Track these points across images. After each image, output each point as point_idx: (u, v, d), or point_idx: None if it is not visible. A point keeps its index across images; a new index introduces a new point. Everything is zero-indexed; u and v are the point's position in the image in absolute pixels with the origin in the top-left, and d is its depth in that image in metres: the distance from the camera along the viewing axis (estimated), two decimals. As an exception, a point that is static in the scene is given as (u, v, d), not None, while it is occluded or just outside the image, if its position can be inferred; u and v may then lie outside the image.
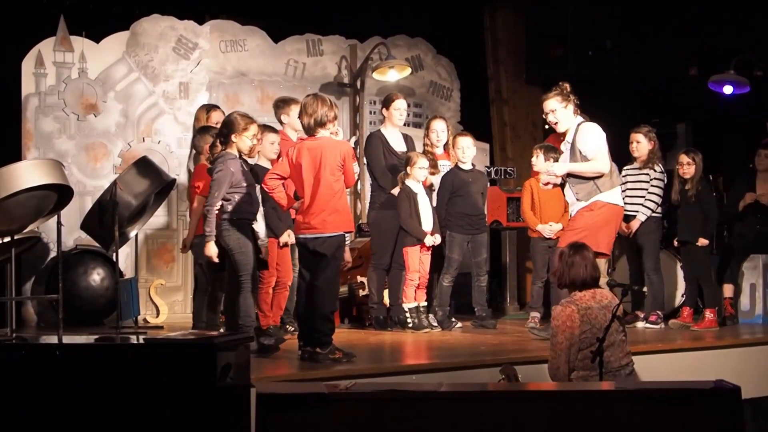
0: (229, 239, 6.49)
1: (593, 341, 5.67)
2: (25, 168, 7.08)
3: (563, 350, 5.79)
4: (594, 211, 7.27)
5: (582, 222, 7.30)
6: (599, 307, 5.84)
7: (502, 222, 9.98)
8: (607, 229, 7.28)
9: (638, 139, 8.46)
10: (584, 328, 5.77)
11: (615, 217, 7.37)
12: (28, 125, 9.18)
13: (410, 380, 5.97)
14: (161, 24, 9.73)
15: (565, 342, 5.79)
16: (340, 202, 6.43)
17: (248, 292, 6.52)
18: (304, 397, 4.57)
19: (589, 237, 7.11)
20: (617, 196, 7.39)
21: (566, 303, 5.89)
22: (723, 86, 9.91)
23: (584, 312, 5.81)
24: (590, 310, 5.81)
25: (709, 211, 8.41)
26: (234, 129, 6.58)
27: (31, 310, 9.08)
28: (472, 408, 4.58)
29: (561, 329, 5.81)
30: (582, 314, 5.80)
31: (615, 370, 5.84)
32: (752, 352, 7.51)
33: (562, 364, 5.81)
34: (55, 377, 4.80)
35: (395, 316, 8.24)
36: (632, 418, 4.60)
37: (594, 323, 5.78)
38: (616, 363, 5.86)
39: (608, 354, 5.71)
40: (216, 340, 4.95)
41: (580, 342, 5.78)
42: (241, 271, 6.50)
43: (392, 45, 10.57)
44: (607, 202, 7.29)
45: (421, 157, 8.18)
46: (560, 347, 5.80)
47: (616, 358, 5.86)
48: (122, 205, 7.67)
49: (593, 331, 5.74)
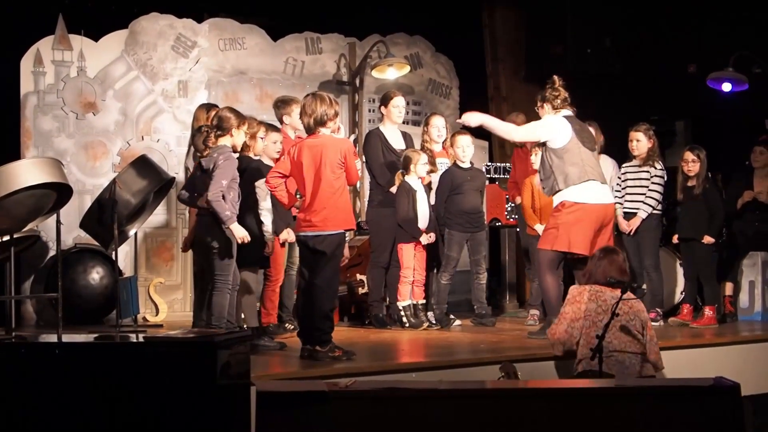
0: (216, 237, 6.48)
1: (597, 319, 6.14)
2: (24, 167, 7.07)
3: (566, 320, 6.31)
4: (562, 211, 7.25)
5: (552, 222, 7.36)
6: (612, 295, 6.20)
7: (502, 220, 9.99)
8: (579, 227, 7.14)
9: (638, 137, 8.45)
10: (591, 306, 6.23)
11: (587, 215, 7.18)
12: (27, 124, 9.18)
13: (410, 378, 5.98)
14: (160, 22, 9.72)
15: (570, 313, 6.29)
16: (341, 200, 6.43)
17: (224, 292, 6.48)
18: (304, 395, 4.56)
19: (561, 237, 7.18)
20: (589, 193, 7.21)
21: (583, 285, 6.42)
22: (722, 84, 9.90)
23: (595, 293, 6.27)
24: (602, 293, 6.28)
25: (715, 209, 8.40)
26: (231, 124, 6.58)
27: (31, 309, 9.08)
28: (471, 406, 4.58)
29: (570, 302, 6.36)
30: (591, 294, 6.27)
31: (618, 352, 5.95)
32: (752, 349, 7.51)
33: (560, 332, 6.33)
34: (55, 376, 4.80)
35: (394, 314, 8.25)
36: (632, 416, 4.60)
37: (601, 304, 6.21)
38: (619, 347, 6.00)
39: (609, 336, 5.97)
40: (216, 338, 4.95)
41: (584, 318, 6.22)
42: (219, 272, 6.48)
43: (391, 43, 10.57)
44: (575, 201, 7.19)
45: (422, 154, 8.19)
46: (564, 316, 6.33)
47: (619, 342, 6.02)
48: (121, 204, 7.67)
49: (598, 311, 6.18)
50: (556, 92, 7.43)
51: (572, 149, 7.26)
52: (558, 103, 7.42)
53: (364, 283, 8.64)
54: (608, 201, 7.36)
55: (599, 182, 7.31)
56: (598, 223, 7.28)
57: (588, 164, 7.27)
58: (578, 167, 7.22)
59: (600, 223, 7.29)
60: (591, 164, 7.31)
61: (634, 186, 8.43)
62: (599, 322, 6.05)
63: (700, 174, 8.38)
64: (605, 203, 7.30)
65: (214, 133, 6.59)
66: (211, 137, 6.60)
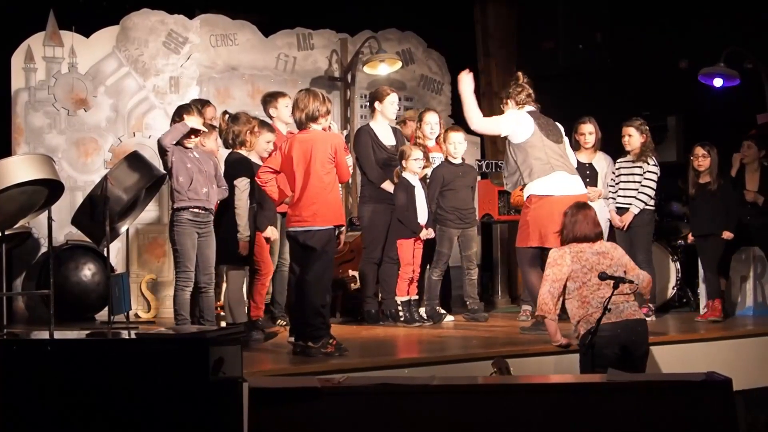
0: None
1: (585, 279, 6.33)
2: (15, 163, 7.05)
3: (548, 281, 6.44)
4: (530, 207, 7.28)
5: (522, 218, 7.41)
6: (592, 252, 6.42)
7: (494, 215, 9.99)
8: (549, 221, 7.09)
9: (630, 132, 8.45)
10: (575, 267, 6.38)
11: (555, 207, 7.03)
12: (18, 120, 9.17)
13: (402, 374, 5.97)
14: (151, 18, 9.71)
15: (551, 275, 6.42)
16: (331, 195, 6.42)
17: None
18: (296, 391, 4.56)
19: (533, 233, 7.20)
20: (556, 185, 7.20)
21: (562, 247, 6.54)
22: (713, 79, 9.93)
23: (576, 254, 6.42)
24: (582, 253, 6.42)
25: (730, 204, 8.43)
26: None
27: (22, 306, 9.07)
28: (464, 401, 4.58)
29: (550, 265, 6.49)
30: (573, 255, 6.41)
31: (612, 304, 6.03)
32: (743, 343, 7.54)
33: (544, 293, 6.45)
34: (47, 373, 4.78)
35: (387, 309, 8.24)
36: (624, 411, 4.60)
37: (585, 264, 6.38)
38: (614, 298, 6.09)
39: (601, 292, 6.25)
40: (208, 334, 4.94)
41: (571, 279, 6.38)
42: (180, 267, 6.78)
43: (383, 39, 10.57)
44: (542, 194, 7.21)
45: (415, 149, 8.18)
46: (546, 278, 6.46)
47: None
48: (113, 200, 7.64)
49: (584, 270, 6.35)
50: (519, 88, 7.47)
51: (535, 143, 7.27)
52: (521, 98, 7.45)
53: (357, 279, 8.64)
54: (577, 192, 7.30)
55: (567, 173, 7.30)
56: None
57: (553, 156, 7.28)
58: (542, 160, 7.24)
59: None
60: (556, 156, 7.31)
61: (627, 181, 8.42)
62: (588, 282, 6.30)
63: (713, 169, 8.39)
64: (574, 194, 7.24)
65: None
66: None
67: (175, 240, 6.79)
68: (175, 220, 6.79)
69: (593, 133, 8.50)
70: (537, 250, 7.30)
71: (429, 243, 8.30)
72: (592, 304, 6.26)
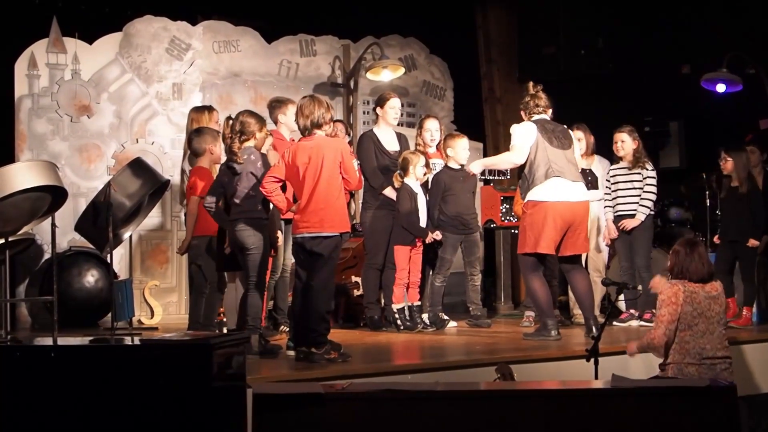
0: (248, 238, 6.55)
1: (693, 323, 5.89)
2: (18, 170, 7.06)
3: (663, 323, 5.94)
4: (527, 213, 7.34)
5: (521, 224, 7.49)
6: (705, 295, 5.98)
7: (496, 221, 10.00)
8: (543, 227, 7.18)
9: (622, 138, 8.42)
10: (686, 309, 5.92)
11: (549, 213, 7.18)
12: (21, 127, 9.18)
13: (406, 380, 5.97)
14: (154, 25, 9.73)
15: (667, 316, 5.93)
16: (338, 202, 6.41)
17: (258, 291, 6.62)
18: (300, 398, 4.56)
19: (529, 238, 7.24)
20: (552, 191, 7.24)
21: (674, 282, 6.05)
22: (716, 84, 9.92)
23: (689, 295, 5.95)
24: (696, 294, 5.96)
25: (758, 209, 8.35)
26: (254, 129, 6.75)
27: (26, 312, 9.07)
28: (467, 407, 4.58)
29: (665, 303, 5.97)
30: (687, 296, 5.94)
31: (710, 359, 5.88)
32: (747, 349, 7.51)
33: (658, 336, 5.96)
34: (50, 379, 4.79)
35: (389, 316, 8.24)
36: (628, 417, 4.60)
37: (696, 307, 5.93)
38: (711, 352, 5.90)
39: (703, 341, 5.90)
40: (212, 340, 4.94)
41: (680, 321, 5.92)
42: (254, 271, 6.58)
43: (385, 45, 10.58)
44: (537, 200, 7.26)
45: (420, 156, 8.19)
46: (661, 319, 5.96)
47: (712, 347, 5.91)
48: (116, 207, 7.66)
49: (694, 314, 5.91)
50: (528, 98, 7.56)
51: (538, 151, 7.33)
52: (531, 108, 7.53)
53: (359, 285, 8.64)
54: (576, 199, 7.33)
55: (567, 180, 7.31)
56: (563, 221, 7.29)
57: (555, 163, 7.30)
58: (543, 167, 7.28)
59: (567, 221, 7.31)
60: (559, 163, 7.32)
61: (626, 188, 8.39)
62: (695, 326, 5.91)
63: (739, 173, 8.36)
64: (572, 201, 7.28)
65: (239, 138, 6.71)
66: (236, 143, 6.70)
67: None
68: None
69: (581, 139, 8.46)
70: (537, 256, 7.32)
71: (430, 248, 8.30)
72: (690, 353, 5.92)
